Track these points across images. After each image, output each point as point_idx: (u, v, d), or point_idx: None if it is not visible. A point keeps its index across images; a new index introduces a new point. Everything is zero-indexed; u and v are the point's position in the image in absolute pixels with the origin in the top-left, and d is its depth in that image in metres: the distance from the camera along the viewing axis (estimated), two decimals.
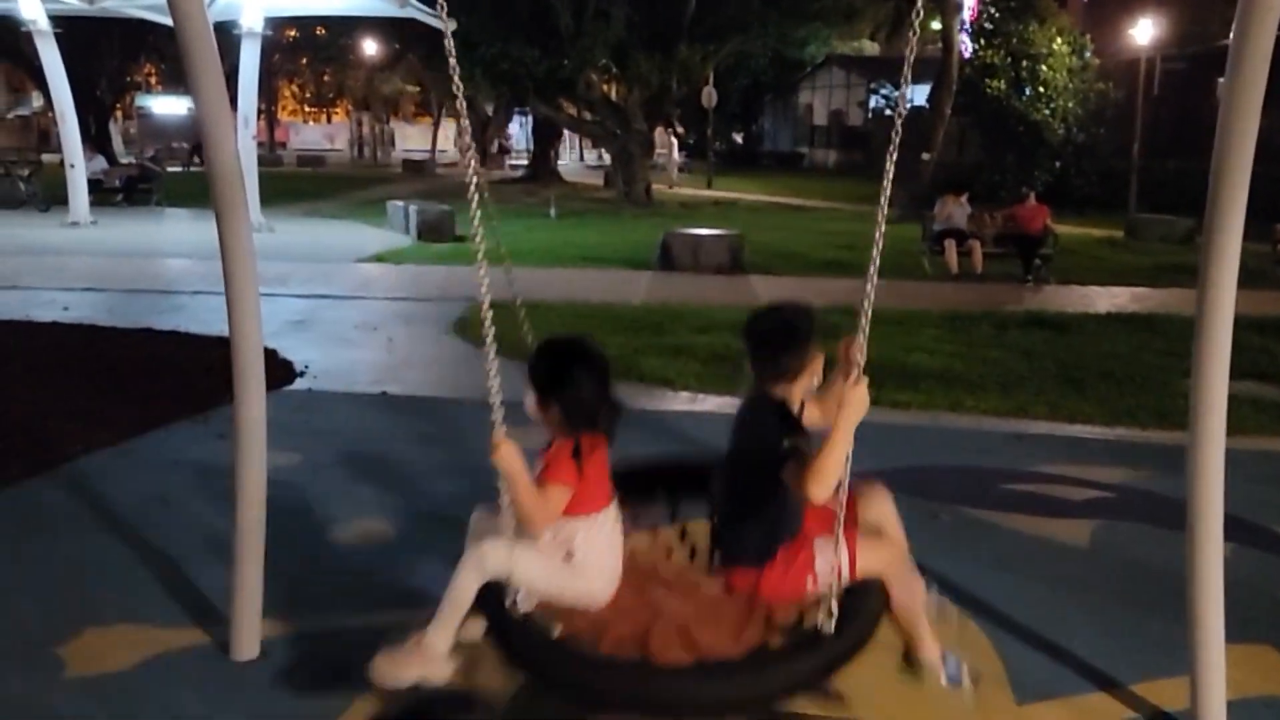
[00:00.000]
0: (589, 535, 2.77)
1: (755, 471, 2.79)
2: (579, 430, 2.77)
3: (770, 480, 2.73)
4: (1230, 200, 2.80)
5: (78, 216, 17.74)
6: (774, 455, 2.71)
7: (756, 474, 2.79)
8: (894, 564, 2.87)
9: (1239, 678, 3.24)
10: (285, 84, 53.36)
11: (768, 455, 2.73)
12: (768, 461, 2.72)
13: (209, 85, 3.26)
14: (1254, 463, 5.66)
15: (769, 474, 2.72)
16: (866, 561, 2.77)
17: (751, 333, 2.97)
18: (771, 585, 2.78)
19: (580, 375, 2.81)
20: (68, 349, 8.10)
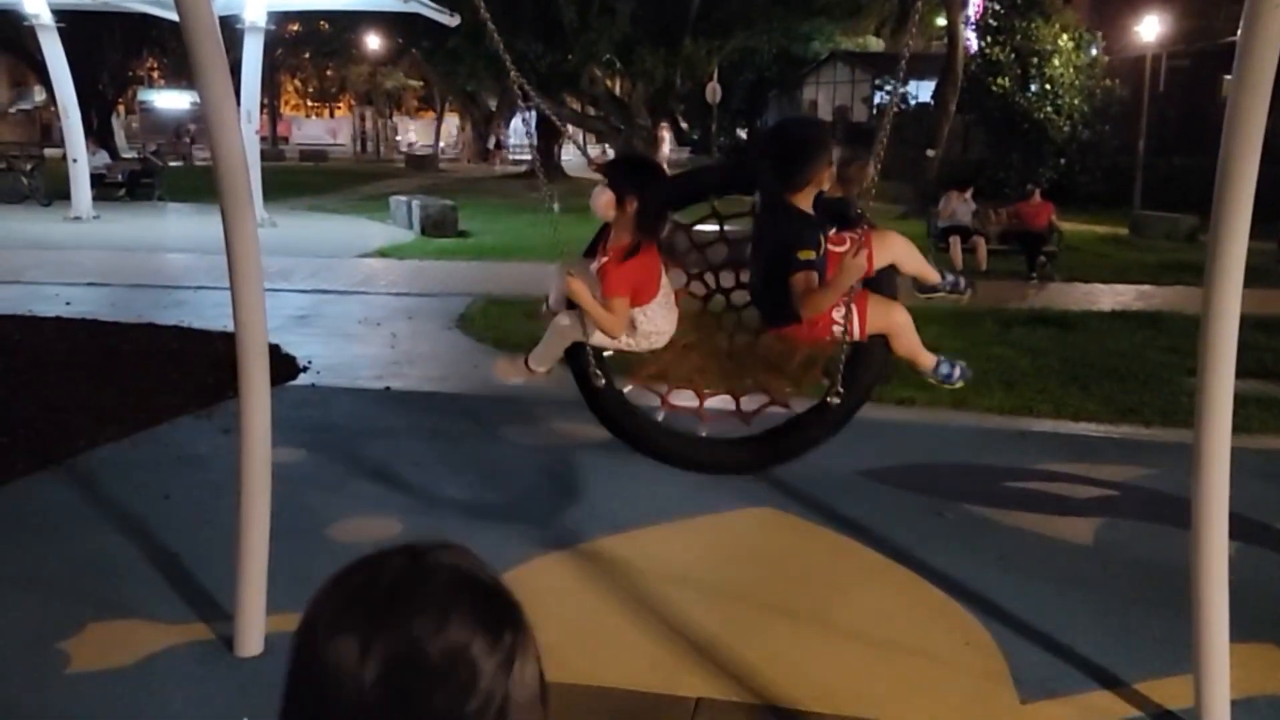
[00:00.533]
0: (646, 315, 3.50)
1: (780, 264, 3.28)
2: (642, 230, 3.37)
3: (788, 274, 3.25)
4: (1236, 199, 2.79)
5: (80, 211, 17.73)
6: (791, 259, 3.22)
7: (779, 269, 3.28)
8: (897, 323, 3.51)
9: (1243, 676, 3.23)
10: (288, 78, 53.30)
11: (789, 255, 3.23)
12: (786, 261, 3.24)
13: (215, 80, 3.26)
14: (1259, 461, 5.64)
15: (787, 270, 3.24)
16: (874, 322, 3.45)
17: (771, 148, 3.51)
18: (802, 334, 3.49)
19: (652, 178, 3.46)
20: (71, 344, 8.10)
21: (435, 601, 0.82)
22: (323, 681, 0.81)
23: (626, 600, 3.93)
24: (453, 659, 0.80)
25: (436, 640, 0.80)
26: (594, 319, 3.41)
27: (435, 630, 0.81)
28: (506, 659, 0.83)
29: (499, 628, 0.83)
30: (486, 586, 0.86)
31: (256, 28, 16.96)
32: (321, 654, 0.81)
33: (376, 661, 0.80)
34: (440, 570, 0.85)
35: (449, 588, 0.83)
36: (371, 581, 0.84)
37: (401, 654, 0.80)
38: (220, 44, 3.29)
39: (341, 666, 0.80)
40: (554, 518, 4.76)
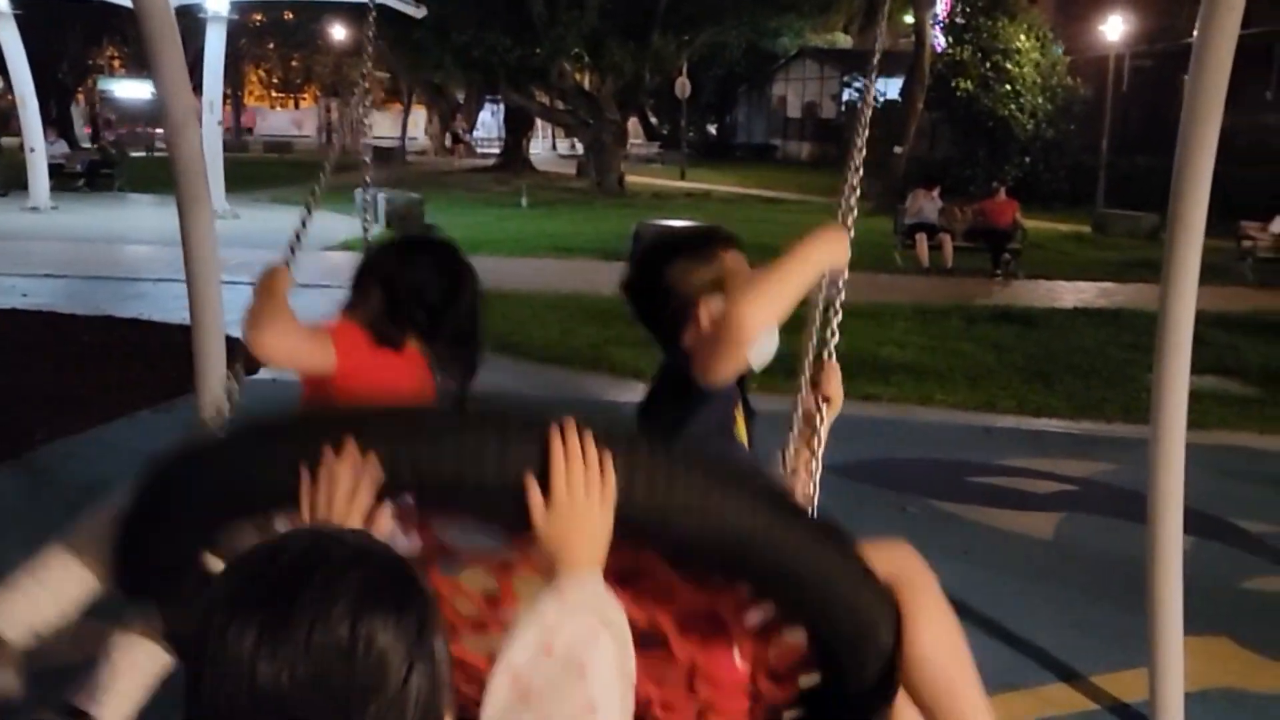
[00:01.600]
0: None
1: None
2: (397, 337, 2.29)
3: None
4: (1192, 198, 2.82)
5: (38, 202, 17.44)
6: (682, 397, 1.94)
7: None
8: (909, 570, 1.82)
9: (1198, 669, 3.28)
10: (252, 69, 52.75)
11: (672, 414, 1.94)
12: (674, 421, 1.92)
13: (171, 72, 3.21)
14: (1217, 457, 5.72)
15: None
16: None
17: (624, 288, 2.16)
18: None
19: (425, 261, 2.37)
20: (28, 337, 7.97)
21: (335, 584, 0.80)
22: (222, 664, 0.79)
23: None
24: (357, 644, 0.79)
25: (339, 625, 0.79)
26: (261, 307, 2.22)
27: (336, 614, 0.79)
28: (417, 636, 0.81)
29: (404, 605, 0.82)
30: (388, 565, 0.84)
31: (219, 17, 16.75)
32: (220, 636, 0.79)
33: (275, 649, 0.78)
34: (340, 551, 0.83)
35: (350, 570, 0.81)
36: (270, 563, 0.82)
37: (301, 641, 0.78)
38: (176, 34, 3.24)
39: (240, 649, 0.79)
40: None
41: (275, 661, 0.78)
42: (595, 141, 25.47)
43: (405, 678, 0.80)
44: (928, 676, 1.66)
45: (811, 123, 42.82)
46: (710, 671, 1.58)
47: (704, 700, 1.60)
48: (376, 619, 0.80)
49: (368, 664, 0.79)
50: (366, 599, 0.80)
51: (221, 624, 0.80)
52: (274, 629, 0.78)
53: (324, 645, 0.78)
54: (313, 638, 0.78)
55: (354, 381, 2.18)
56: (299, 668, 0.78)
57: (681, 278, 2.01)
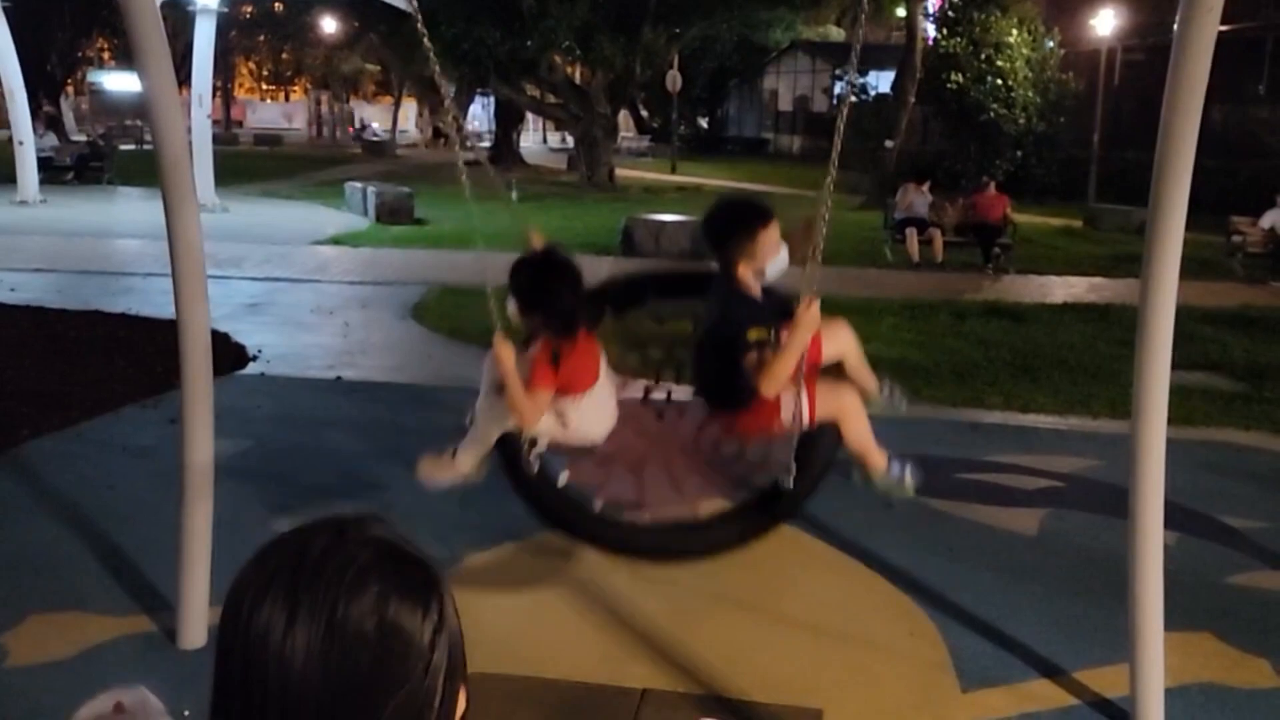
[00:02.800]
0: (578, 407, 3.30)
1: (725, 348, 3.24)
2: (559, 336, 3.18)
3: (737, 356, 3.20)
4: (1172, 195, 2.84)
5: (26, 195, 17.36)
6: (739, 340, 3.18)
7: (726, 350, 3.23)
8: (846, 408, 3.36)
9: (1179, 664, 3.30)
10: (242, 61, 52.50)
11: (734, 338, 3.20)
12: (735, 343, 3.20)
13: (156, 66, 3.19)
14: (1203, 452, 5.75)
15: (736, 351, 3.20)
16: (824, 408, 3.29)
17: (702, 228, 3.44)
18: (744, 426, 3.39)
19: (557, 288, 3.19)
20: (15, 332, 7.94)
21: (362, 573, 0.83)
22: (250, 656, 0.82)
23: (576, 592, 3.94)
24: (385, 630, 0.82)
25: (366, 612, 0.81)
26: (511, 397, 3.16)
27: (363, 602, 0.82)
28: (436, 626, 0.84)
29: (427, 596, 0.85)
30: (409, 557, 0.87)
31: (209, 10, 16.69)
32: (248, 629, 0.82)
33: (304, 635, 0.80)
34: (365, 543, 0.85)
35: (374, 560, 0.84)
36: (298, 556, 0.84)
37: (329, 627, 0.81)
38: (161, 28, 3.23)
39: (268, 641, 0.81)
40: (505, 509, 4.73)
41: (306, 648, 0.80)
42: (586, 135, 25.41)
43: (428, 664, 0.83)
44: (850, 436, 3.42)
45: (803, 116, 42.79)
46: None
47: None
48: (404, 609, 0.83)
49: (395, 652, 0.82)
50: (392, 589, 0.83)
51: (251, 610, 0.83)
52: (305, 617, 0.81)
53: (353, 634, 0.81)
54: (342, 626, 0.81)
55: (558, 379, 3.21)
56: (329, 655, 0.80)
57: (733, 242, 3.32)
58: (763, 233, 3.27)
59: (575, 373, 3.25)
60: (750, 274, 3.28)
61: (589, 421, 3.36)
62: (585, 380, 3.31)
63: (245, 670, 0.82)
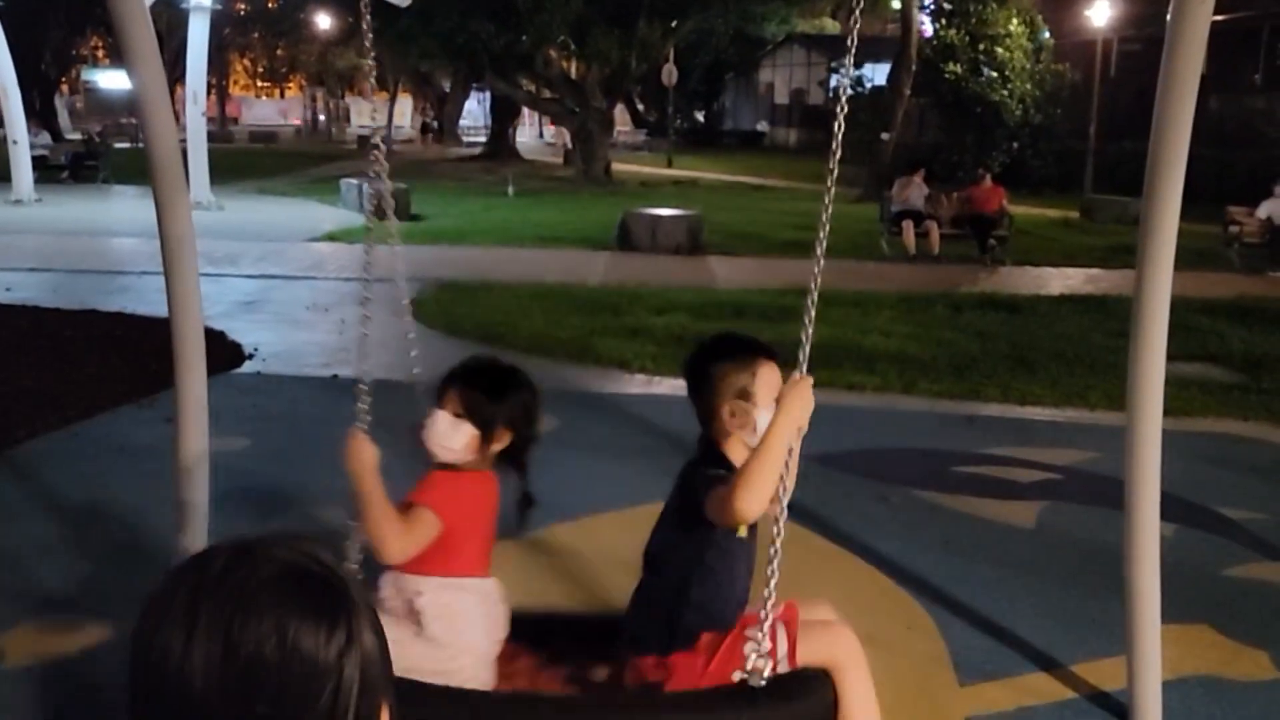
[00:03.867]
0: (441, 598, 2.28)
1: (680, 536, 2.37)
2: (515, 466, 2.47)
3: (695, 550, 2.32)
4: (1166, 186, 2.83)
5: (21, 194, 17.33)
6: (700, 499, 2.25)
7: (681, 539, 2.36)
8: (849, 655, 2.30)
9: (1176, 657, 3.30)
10: (237, 58, 52.41)
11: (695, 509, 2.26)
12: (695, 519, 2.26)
13: (146, 65, 3.18)
14: (1200, 443, 5.75)
15: (694, 544, 2.32)
16: (812, 650, 2.27)
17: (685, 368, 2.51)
18: (686, 676, 2.26)
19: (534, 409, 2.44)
20: (11, 331, 7.92)
21: (260, 593, 0.81)
22: (152, 677, 0.81)
23: (578, 588, 3.93)
24: (285, 651, 0.80)
25: (265, 633, 0.80)
26: (370, 519, 2.26)
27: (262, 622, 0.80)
28: (344, 645, 0.82)
29: (334, 615, 0.83)
30: (315, 575, 0.85)
31: (202, 7, 16.65)
32: (149, 649, 0.81)
33: (202, 655, 0.79)
34: (268, 561, 0.84)
35: (275, 579, 0.83)
36: (198, 574, 0.83)
37: (226, 648, 0.79)
38: (150, 27, 3.21)
39: (168, 662, 0.80)
40: (503, 506, 4.74)
41: (204, 670, 0.79)
42: (581, 130, 25.38)
43: (337, 685, 0.82)
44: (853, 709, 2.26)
45: (799, 109, 42.76)
46: None
47: None
48: (305, 629, 0.81)
49: (297, 673, 0.80)
50: (294, 609, 0.81)
51: (153, 630, 0.81)
52: (203, 637, 0.80)
53: (252, 655, 0.79)
54: (240, 647, 0.79)
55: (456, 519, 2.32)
56: (228, 677, 0.79)
57: (719, 378, 2.37)
58: (762, 368, 2.37)
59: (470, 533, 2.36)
60: (734, 429, 2.35)
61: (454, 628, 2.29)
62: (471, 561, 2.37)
63: (148, 691, 0.81)
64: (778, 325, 7.37)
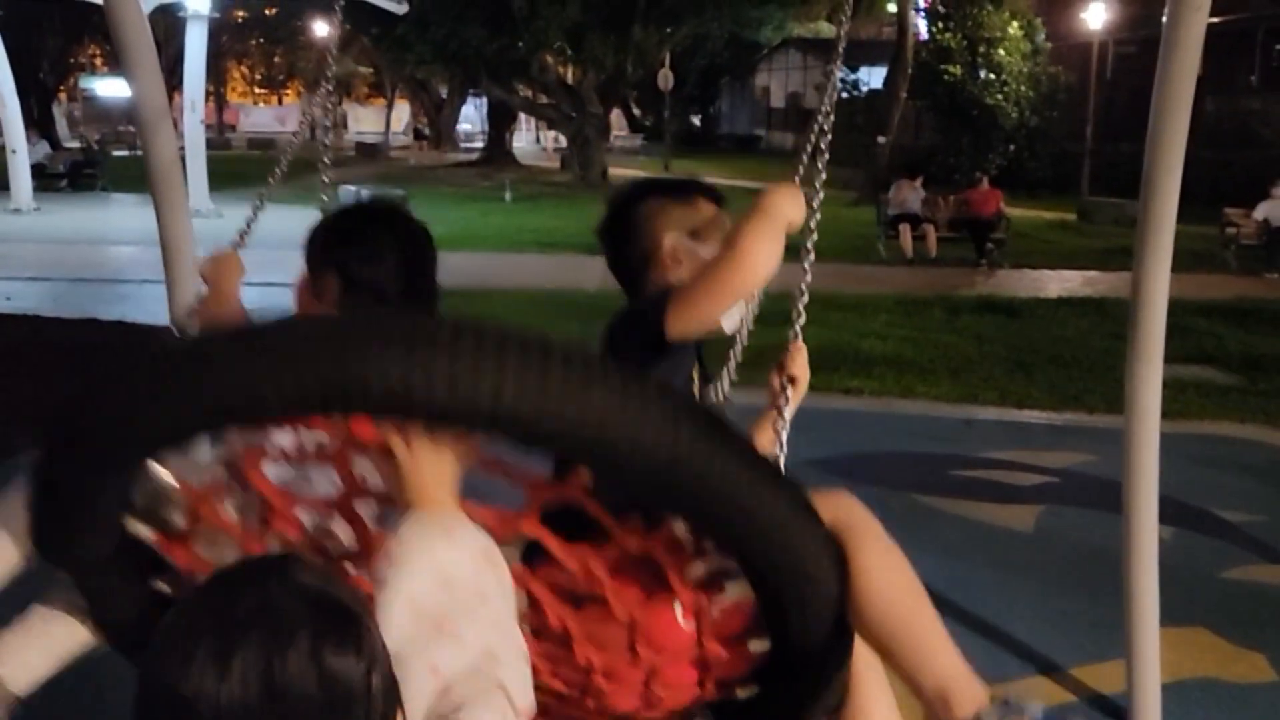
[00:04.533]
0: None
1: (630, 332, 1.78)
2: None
3: None
4: (1163, 186, 2.85)
5: (20, 203, 17.33)
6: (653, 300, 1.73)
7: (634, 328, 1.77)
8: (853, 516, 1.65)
9: (1175, 660, 3.31)
10: (234, 65, 52.43)
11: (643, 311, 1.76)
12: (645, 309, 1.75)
13: (144, 73, 3.19)
14: (1198, 446, 5.76)
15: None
16: None
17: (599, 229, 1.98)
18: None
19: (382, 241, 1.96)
20: (11, 341, 7.93)
21: (293, 627, 0.82)
22: (177, 711, 0.80)
23: None
24: (325, 682, 0.81)
25: (304, 667, 0.81)
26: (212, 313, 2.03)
27: (300, 657, 0.81)
28: (370, 663, 0.85)
29: (356, 635, 0.85)
30: (333, 598, 0.86)
31: (200, 16, 16.67)
32: (174, 690, 0.80)
33: (241, 696, 0.79)
34: (291, 592, 0.85)
35: (303, 609, 0.84)
36: (224, 612, 0.82)
37: (267, 688, 0.80)
38: (149, 35, 3.22)
39: (200, 703, 0.79)
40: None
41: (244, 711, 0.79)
42: (578, 135, 25.40)
43: (368, 703, 0.84)
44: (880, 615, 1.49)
45: (795, 113, 42.80)
46: (652, 632, 1.47)
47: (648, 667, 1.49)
48: (338, 656, 0.83)
49: (339, 700, 0.82)
50: (325, 638, 0.83)
51: (179, 671, 0.80)
52: (240, 679, 0.79)
53: (295, 692, 0.80)
54: (282, 686, 0.80)
55: None
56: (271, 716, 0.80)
57: (653, 214, 1.88)
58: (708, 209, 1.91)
59: None
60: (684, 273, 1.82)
61: None
62: None
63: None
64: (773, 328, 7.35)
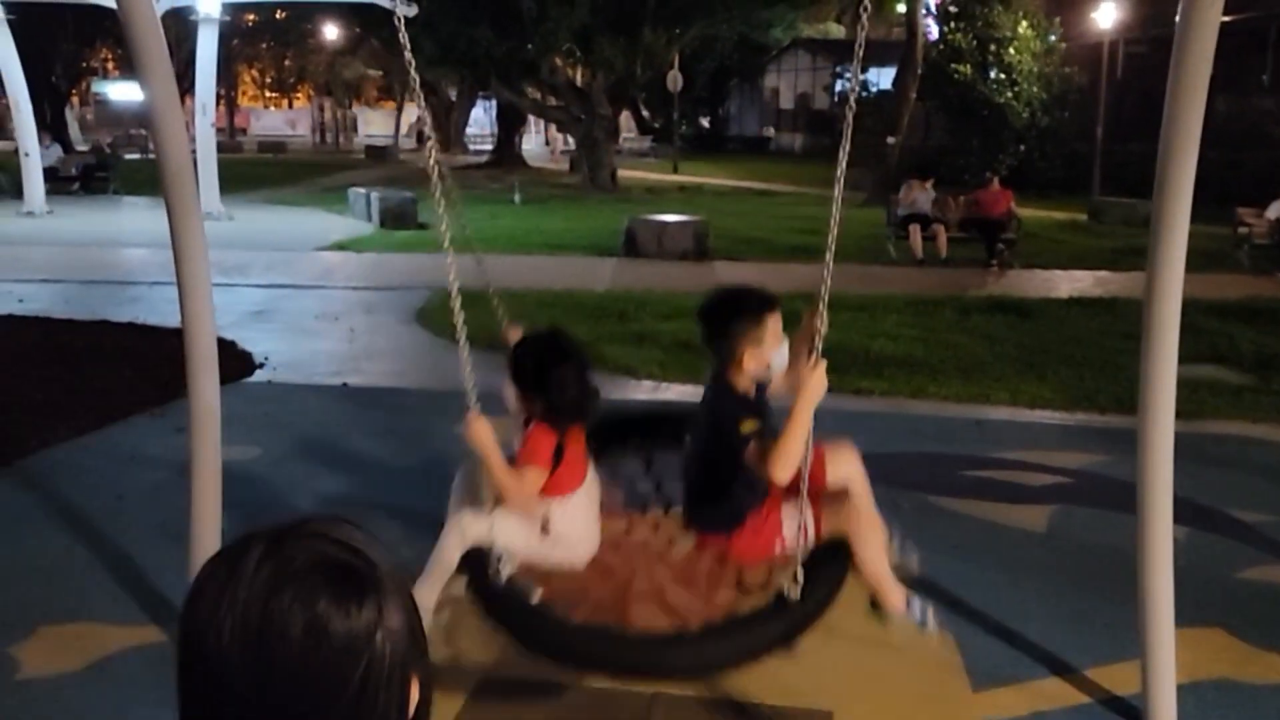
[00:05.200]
0: (565, 511, 2.91)
1: (717, 452, 2.95)
2: (563, 423, 2.88)
3: (731, 459, 2.87)
4: (1177, 186, 2.84)
5: (33, 206, 17.42)
6: (733, 438, 2.83)
7: (718, 454, 2.94)
8: (857, 524, 2.94)
9: (1190, 660, 3.29)
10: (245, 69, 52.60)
11: (727, 438, 2.85)
12: (728, 444, 2.86)
13: (157, 77, 3.20)
14: (1212, 446, 5.73)
15: (730, 455, 2.87)
16: (830, 523, 2.92)
17: (699, 316, 3.09)
18: (740, 549, 2.97)
19: (565, 372, 2.88)
20: (24, 342, 7.97)
21: (292, 579, 0.86)
22: (194, 655, 0.86)
23: None
24: (315, 633, 0.84)
25: (295, 617, 0.84)
26: (494, 477, 2.81)
27: (293, 607, 0.84)
28: (372, 626, 0.87)
29: (361, 597, 0.87)
30: (344, 560, 0.89)
31: (211, 19, 16.73)
32: (198, 639, 0.85)
33: (241, 641, 0.84)
34: (300, 547, 0.88)
35: (306, 565, 0.87)
36: (234, 564, 0.87)
37: (261, 632, 0.84)
38: (162, 39, 3.24)
39: (206, 642, 0.85)
40: None
41: (253, 657, 0.84)
42: (587, 137, 25.41)
43: (368, 663, 0.86)
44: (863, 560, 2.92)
45: (804, 114, 42.76)
46: None
47: None
48: (335, 611, 0.85)
49: (329, 653, 0.84)
50: (323, 593, 0.86)
51: (193, 613, 0.86)
52: (240, 624, 0.84)
53: (295, 639, 0.84)
54: (284, 633, 0.84)
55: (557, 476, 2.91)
56: (275, 661, 0.84)
57: (735, 331, 2.94)
58: (769, 319, 2.95)
59: (569, 465, 2.92)
60: (750, 370, 2.94)
61: (574, 531, 2.95)
62: (574, 478, 2.96)
63: (191, 668, 0.86)
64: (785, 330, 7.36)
